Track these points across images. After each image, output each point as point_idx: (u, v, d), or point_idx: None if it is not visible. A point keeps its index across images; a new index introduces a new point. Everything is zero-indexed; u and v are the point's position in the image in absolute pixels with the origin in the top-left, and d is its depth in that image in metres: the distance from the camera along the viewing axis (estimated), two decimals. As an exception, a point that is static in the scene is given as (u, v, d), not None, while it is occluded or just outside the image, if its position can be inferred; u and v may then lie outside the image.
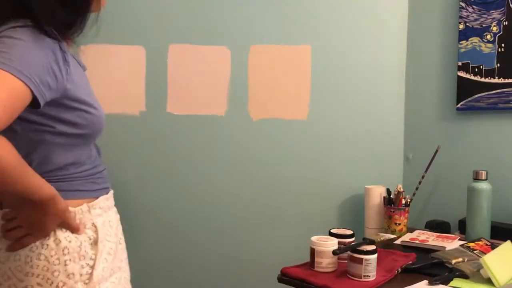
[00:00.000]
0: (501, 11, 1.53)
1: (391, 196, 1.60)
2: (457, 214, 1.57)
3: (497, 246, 1.21)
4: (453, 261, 1.18)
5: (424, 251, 1.32)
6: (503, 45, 1.53)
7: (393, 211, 1.58)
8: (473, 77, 1.59)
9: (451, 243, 1.35)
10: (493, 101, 1.55)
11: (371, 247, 1.12)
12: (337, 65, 1.72)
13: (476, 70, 1.58)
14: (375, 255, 1.11)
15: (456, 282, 1.09)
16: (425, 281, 1.10)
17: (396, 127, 1.78)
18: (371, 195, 1.65)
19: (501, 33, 1.54)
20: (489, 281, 1.08)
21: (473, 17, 1.59)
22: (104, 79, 1.63)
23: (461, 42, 1.62)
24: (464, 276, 1.12)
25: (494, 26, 1.55)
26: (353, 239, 1.24)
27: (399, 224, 1.57)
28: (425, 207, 1.73)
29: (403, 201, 1.58)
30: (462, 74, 1.61)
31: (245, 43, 1.68)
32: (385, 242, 1.45)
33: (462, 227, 1.50)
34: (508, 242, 1.23)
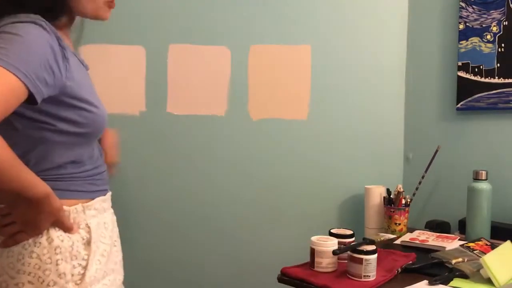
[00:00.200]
0: (501, 11, 1.53)
1: (391, 196, 1.60)
2: (457, 214, 1.57)
3: (497, 246, 1.21)
4: (453, 261, 1.18)
5: (424, 251, 1.32)
6: (503, 45, 1.53)
7: (393, 211, 1.58)
8: (473, 77, 1.59)
9: (451, 243, 1.35)
10: (493, 101, 1.55)
11: (371, 247, 1.12)
12: (337, 65, 1.72)
13: (476, 70, 1.58)
14: (375, 255, 1.11)
15: (456, 282, 1.09)
16: (425, 281, 1.10)
17: (396, 127, 1.78)
18: (371, 195, 1.65)
19: (501, 33, 1.54)
20: (489, 281, 1.07)
21: (473, 17, 1.59)
22: (104, 79, 1.63)
23: (461, 42, 1.62)
24: (464, 276, 1.12)
25: (494, 26, 1.55)
26: (353, 239, 1.24)
27: (399, 224, 1.57)
28: (425, 207, 1.73)
29: (403, 201, 1.58)
30: (462, 74, 1.61)
31: (245, 43, 1.68)
32: (385, 242, 1.45)
33: (462, 227, 1.50)
34: (508, 242, 1.23)
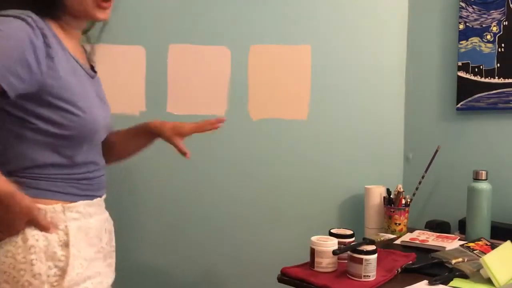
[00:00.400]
0: (501, 11, 1.53)
1: (391, 196, 1.60)
2: (457, 214, 1.57)
3: (497, 246, 1.21)
4: (453, 261, 1.18)
5: (424, 251, 1.32)
6: (503, 45, 1.53)
7: (393, 211, 1.58)
8: (473, 77, 1.59)
9: (451, 243, 1.34)
10: (493, 101, 1.55)
11: (371, 247, 1.12)
12: (337, 65, 1.72)
13: (476, 70, 1.58)
14: (375, 255, 1.11)
15: (456, 282, 1.09)
16: (425, 281, 1.10)
17: (396, 127, 1.78)
18: (371, 195, 1.65)
19: (501, 33, 1.53)
20: (489, 281, 1.07)
21: (473, 17, 1.59)
22: (104, 79, 1.62)
23: (461, 42, 1.62)
24: (464, 276, 1.12)
25: (494, 26, 1.55)
26: (353, 239, 1.24)
27: (399, 224, 1.57)
28: (425, 207, 1.73)
29: (403, 201, 1.58)
30: (462, 74, 1.61)
31: (245, 43, 1.68)
32: (385, 242, 1.45)
33: (462, 227, 1.50)
34: (508, 242, 1.23)
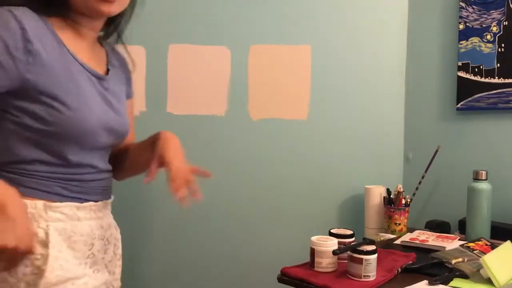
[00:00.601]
0: (501, 11, 1.53)
1: (391, 196, 1.60)
2: (457, 214, 1.57)
3: (497, 246, 1.21)
4: (453, 261, 1.18)
5: (424, 251, 1.32)
6: (503, 45, 1.53)
7: (393, 211, 1.58)
8: (473, 77, 1.59)
9: (451, 243, 1.34)
10: (493, 101, 1.55)
11: (371, 247, 1.12)
12: (337, 65, 1.72)
13: (476, 70, 1.58)
14: (375, 255, 1.11)
15: (456, 282, 1.09)
16: (425, 281, 1.10)
17: (396, 127, 1.78)
18: (371, 195, 1.65)
19: (501, 33, 1.53)
20: (489, 281, 1.07)
21: (473, 17, 1.59)
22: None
23: (461, 42, 1.62)
24: (464, 276, 1.12)
25: (494, 26, 1.55)
26: (353, 239, 1.24)
27: (399, 224, 1.57)
28: (425, 207, 1.73)
29: (403, 201, 1.58)
30: (462, 74, 1.61)
31: (245, 43, 1.68)
32: (385, 242, 1.45)
33: (462, 227, 1.50)
34: (508, 242, 1.23)
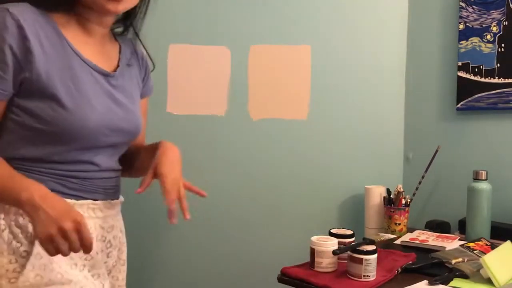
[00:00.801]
0: (501, 11, 1.53)
1: (391, 196, 1.60)
2: (457, 214, 1.57)
3: (497, 246, 1.21)
4: (453, 261, 1.18)
5: (424, 251, 1.32)
6: (503, 45, 1.53)
7: (393, 211, 1.58)
8: (473, 77, 1.59)
9: (451, 243, 1.34)
10: (493, 101, 1.55)
11: (371, 247, 1.12)
12: (337, 65, 1.72)
13: (476, 70, 1.58)
14: (375, 255, 1.11)
15: (456, 282, 1.09)
16: (425, 281, 1.10)
17: (396, 127, 1.78)
18: (371, 195, 1.65)
19: (501, 33, 1.53)
20: (489, 281, 1.07)
21: (473, 17, 1.59)
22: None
23: (461, 42, 1.62)
24: (464, 276, 1.12)
25: (494, 26, 1.55)
26: (353, 239, 1.24)
27: (399, 224, 1.57)
28: (425, 207, 1.73)
29: (403, 201, 1.58)
30: (462, 74, 1.61)
31: (245, 43, 1.68)
32: (385, 242, 1.45)
33: (462, 227, 1.50)
34: (508, 242, 1.23)
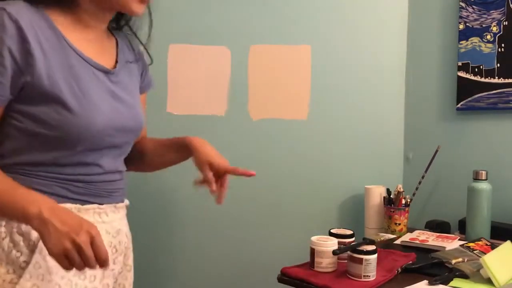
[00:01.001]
0: (501, 11, 1.53)
1: (391, 196, 1.60)
2: (457, 214, 1.57)
3: (497, 246, 1.21)
4: (453, 261, 1.18)
5: (424, 251, 1.32)
6: (503, 45, 1.53)
7: (393, 211, 1.58)
8: (473, 77, 1.59)
9: (451, 243, 1.34)
10: (493, 101, 1.55)
11: (371, 247, 1.12)
12: (337, 65, 1.72)
13: (476, 70, 1.58)
14: (375, 255, 1.11)
15: (456, 282, 1.09)
16: (425, 281, 1.10)
17: (396, 127, 1.78)
18: (371, 195, 1.65)
19: (501, 33, 1.53)
20: (489, 281, 1.07)
21: (473, 17, 1.59)
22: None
23: (461, 42, 1.62)
24: (464, 276, 1.12)
25: (494, 26, 1.55)
26: (353, 239, 1.24)
27: (399, 224, 1.57)
28: (425, 207, 1.73)
29: (403, 201, 1.58)
30: (462, 74, 1.61)
31: (245, 43, 1.68)
32: (385, 242, 1.45)
33: (462, 227, 1.50)
34: (508, 242, 1.23)
